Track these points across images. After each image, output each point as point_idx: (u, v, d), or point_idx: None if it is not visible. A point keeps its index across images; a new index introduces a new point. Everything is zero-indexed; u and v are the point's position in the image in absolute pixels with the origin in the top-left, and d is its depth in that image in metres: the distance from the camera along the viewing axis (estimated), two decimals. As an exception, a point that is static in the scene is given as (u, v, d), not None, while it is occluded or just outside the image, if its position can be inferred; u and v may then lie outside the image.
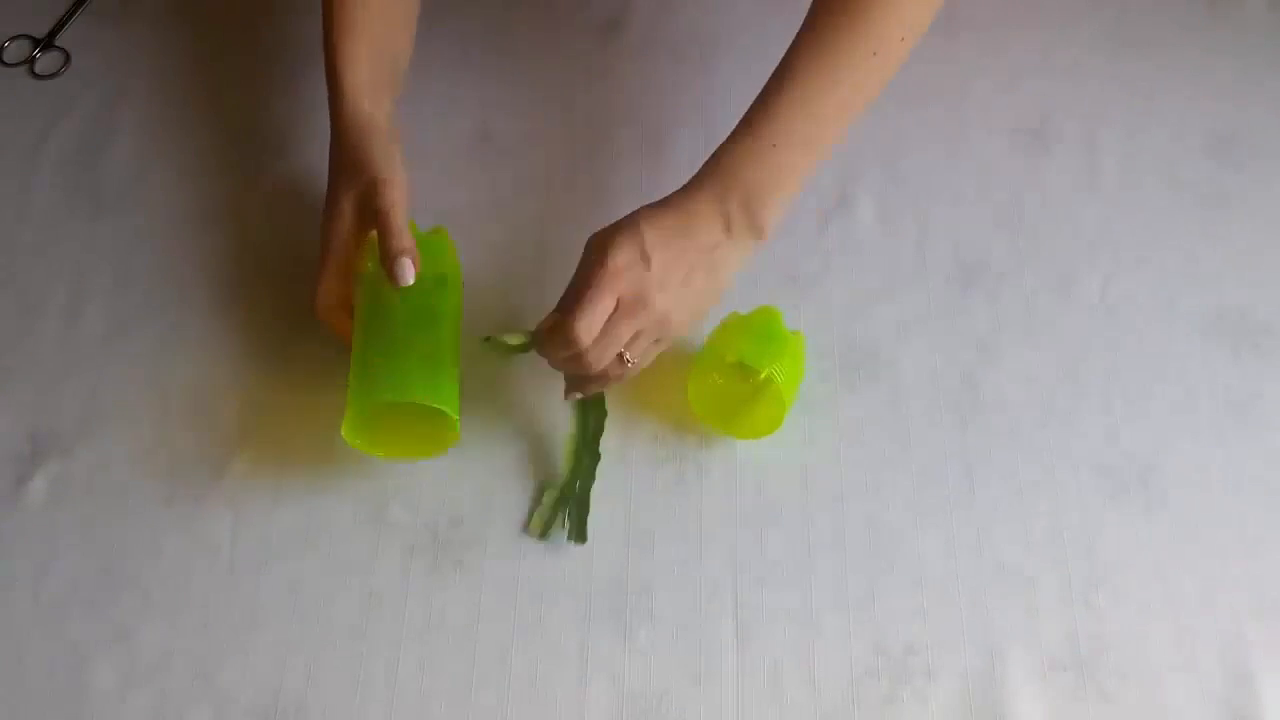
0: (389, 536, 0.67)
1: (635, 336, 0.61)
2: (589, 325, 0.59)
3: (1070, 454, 0.68)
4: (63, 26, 0.89)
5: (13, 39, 0.89)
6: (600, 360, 0.61)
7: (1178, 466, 0.68)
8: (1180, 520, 0.66)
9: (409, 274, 0.63)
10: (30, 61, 0.88)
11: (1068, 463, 0.68)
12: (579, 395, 0.66)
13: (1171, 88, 0.83)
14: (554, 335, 0.60)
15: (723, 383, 0.69)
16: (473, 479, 0.68)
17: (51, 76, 0.87)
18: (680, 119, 0.82)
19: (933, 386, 0.71)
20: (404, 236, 0.64)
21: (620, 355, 0.61)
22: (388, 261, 0.63)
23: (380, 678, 0.63)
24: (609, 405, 0.69)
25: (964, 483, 0.68)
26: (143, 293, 0.76)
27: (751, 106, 0.64)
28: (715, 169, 0.63)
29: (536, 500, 0.67)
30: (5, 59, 0.88)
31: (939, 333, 0.73)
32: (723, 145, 0.63)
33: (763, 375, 0.65)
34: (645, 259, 0.60)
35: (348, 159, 0.68)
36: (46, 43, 0.88)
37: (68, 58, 0.88)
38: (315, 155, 0.81)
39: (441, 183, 0.78)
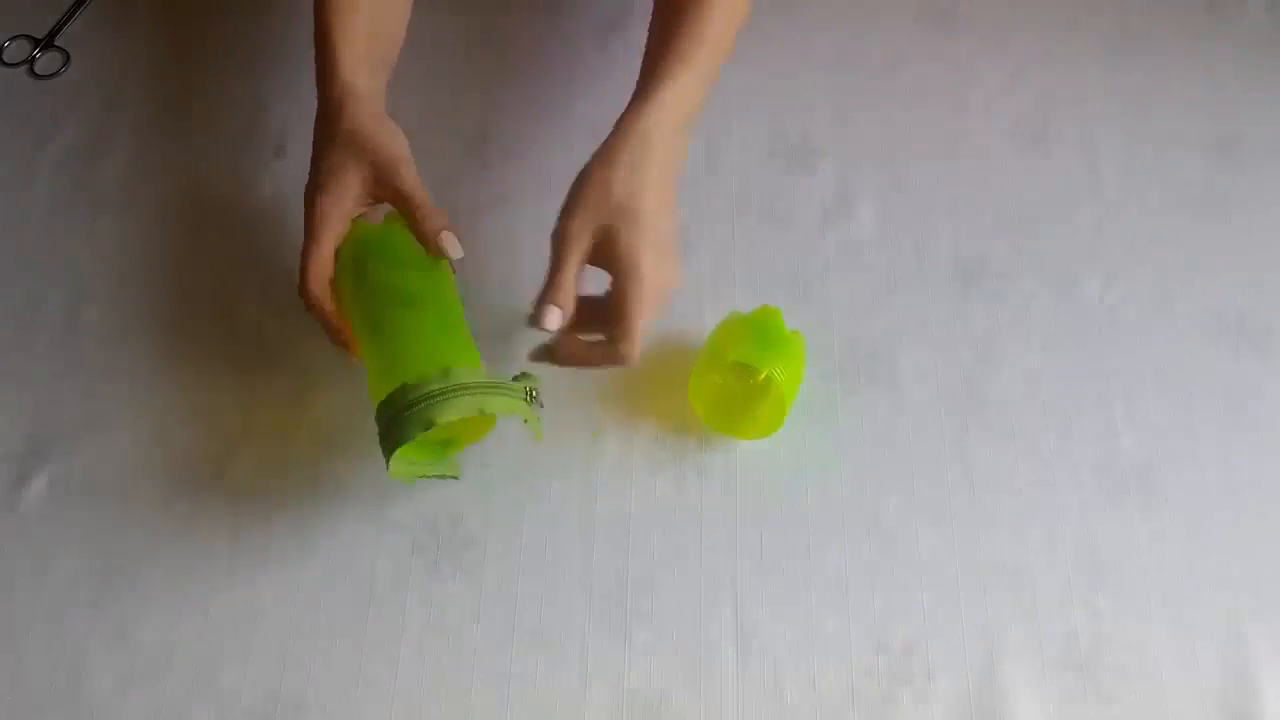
0: (389, 536, 0.67)
1: None
2: (638, 349, 0.60)
3: (1070, 454, 0.68)
4: (63, 26, 0.89)
5: (13, 39, 0.89)
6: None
7: (1178, 466, 0.68)
8: (1180, 520, 0.66)
9: (457, 246, 0.64)
10: (30, 61, 0.88)
11: (1068, 463, 0.68)
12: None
13: (1171, 88, 0.83)
14: (607, 361, 0.61)
15: (723, 383, 0.69)
16: (473, 479, 0.68)
17: (51, 76, 0.87)
18: (680, 119, 0.82)
19: (933, 386, 0.71)
20: (440, 214, 0.64)
21: None
22: (431, 239, 0.63)
23: (380, 678, 0.63)
24: (615, 402, 0.69)
25: (964, 483, 0.68)
26: (143, 293, 0.76)
27: (680, 34, 0.65)
28: (670, 102, 0.63)
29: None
30: (5, 59, 0.88)
31: (939, 333, 0.73)
32: (669, 74, 0.64)
33: (763, 375, 0.65)
34: (661, 249, 0.61)
35: (346, 131, 0.64)
36: (46, 43, 0.88)
37: (68, 58, 0.88)
38: (315, 155, 0.81)
39: (441, 183, 0.78)
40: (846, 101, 0.83)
